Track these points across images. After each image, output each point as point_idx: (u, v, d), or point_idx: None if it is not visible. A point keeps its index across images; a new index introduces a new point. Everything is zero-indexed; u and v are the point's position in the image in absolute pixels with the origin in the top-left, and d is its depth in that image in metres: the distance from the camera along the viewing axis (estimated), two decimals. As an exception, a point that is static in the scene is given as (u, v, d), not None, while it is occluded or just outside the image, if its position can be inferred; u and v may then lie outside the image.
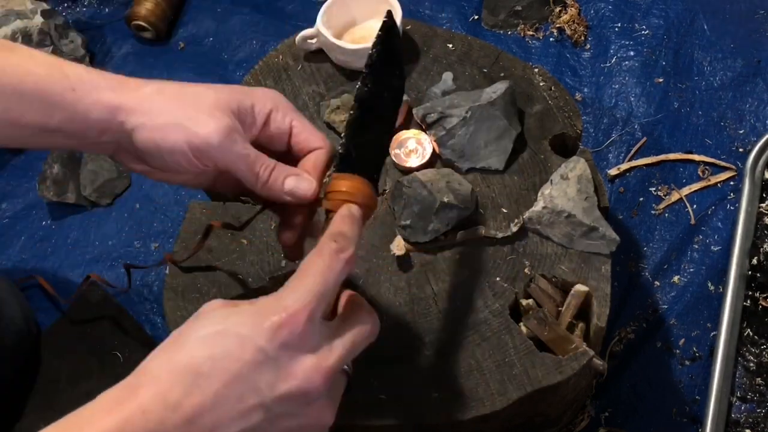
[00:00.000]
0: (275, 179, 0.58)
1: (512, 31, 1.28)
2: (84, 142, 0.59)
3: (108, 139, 0.58)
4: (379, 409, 0.72)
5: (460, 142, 0.81)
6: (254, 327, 0.45)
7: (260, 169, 0.58)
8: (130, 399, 0.43)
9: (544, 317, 0.73)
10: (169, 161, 0.57)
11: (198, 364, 0.44)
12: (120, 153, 0.60)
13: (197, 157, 0.56)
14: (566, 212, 0.75)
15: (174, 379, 0.44)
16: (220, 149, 0.56)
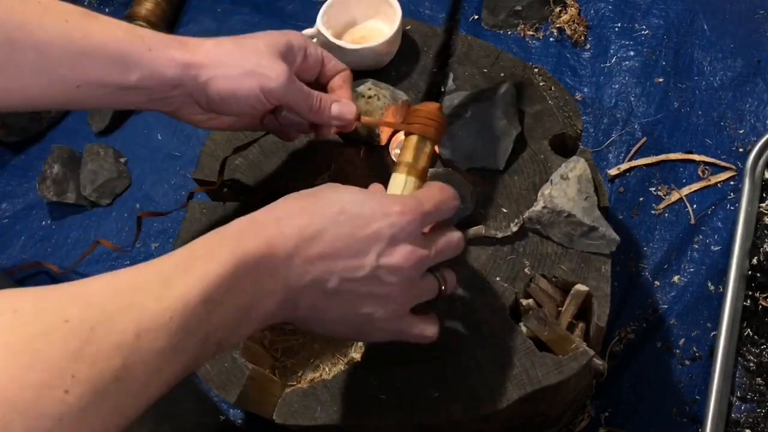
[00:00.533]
0: (324, 107, 0.71)
1: (512, 31, 1.28)
2: (154, 97, 0.66)
3: (178, 93, 0.66)
4: (379, 409, 0.73)
5: (460, 142, 0.81)
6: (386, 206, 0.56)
7: (313, 100, 0.70)
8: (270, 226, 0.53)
9: (544, 317, 0.73)
10: (242, 105, 0.67)
11: (334, 214, 0.54)
12: (183, 107, 0.69)
13: (267, 99, 0.67)
14: (566, 212, 0.75)
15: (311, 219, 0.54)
16: (285, 89, 0.67)
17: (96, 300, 0.43)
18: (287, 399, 0.74)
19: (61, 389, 0.39)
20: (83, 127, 1.35)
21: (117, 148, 1.31)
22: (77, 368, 0.40)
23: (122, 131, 1.34)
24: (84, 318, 0.41)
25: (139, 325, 0.43)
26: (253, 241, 0.51)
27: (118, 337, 0.42)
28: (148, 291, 0.45)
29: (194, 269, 0.48)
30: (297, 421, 0.73)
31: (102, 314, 0.42)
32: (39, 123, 1.34)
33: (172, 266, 0.48)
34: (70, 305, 0.42)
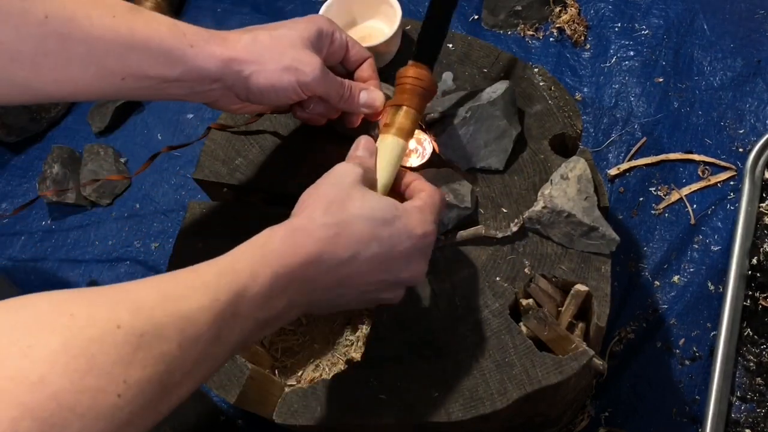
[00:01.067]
0: (353, 95, 0.75)
1: (512, 31, 1.28)
2: (194, 90, 0.69)
3: (218, 86, 0.69)
4: (379, 409, 0.73)
5: (460, 142, 0.81)
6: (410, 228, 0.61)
7: (344, 89, 0.74)
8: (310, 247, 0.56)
9: (544, 317, 0.73)
10: (281, 98, 0.71)
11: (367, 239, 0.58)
12: (222, 98, 0.72)
13: (304, 90, 0.70)
14: (566, 212, 0.75)
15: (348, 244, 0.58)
16: (319, 81, 0.70)
17: (145, 306, 0.46)
18: (287, 399, 0.74)
19: (114, 394, 0.41)
20: (83, 127, 1.36)
21: (117, 148, 1.31)
22: (128, 374, 0.42)
23: (122, 131, 1.34)
24: (135, 325, 0.44)
25: (182, 335, 0.46)
26: (292, 263, 0.55)
27: (164, 345, 0.45)
28: (192, 300, 0.48)
29: (234, 284, 0.51)
30: (297, 421, 0.73)
31: (150, 321, 0.45)
32: (39, 123, 1.35)
33: (214, 277, 0.51)
34: (122, 310, 0.44)
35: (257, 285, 0.53)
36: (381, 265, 0.60)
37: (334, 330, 0.84)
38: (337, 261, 0.57)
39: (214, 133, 0.89)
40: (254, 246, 0.56)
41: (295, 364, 0.82)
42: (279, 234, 0.56)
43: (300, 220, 0.58)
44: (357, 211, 0.59)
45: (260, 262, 0.54)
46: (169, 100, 0.71)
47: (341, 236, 0.57)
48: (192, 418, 0.92)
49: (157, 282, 0.49)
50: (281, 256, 0.55)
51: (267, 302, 0.54)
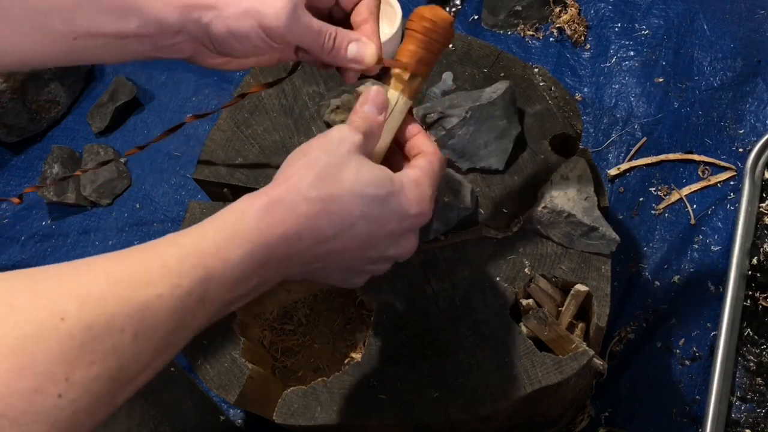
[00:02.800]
0: (339, 47, 0.62)
1: (512, 31, 1.28)
2: (158, 45, 0.62)
3: (183, 39, 0.61)
4: (379, 409, 0.73)
5: (460, 142, 0.81)
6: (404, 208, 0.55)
7: (324, 39, 0.61)
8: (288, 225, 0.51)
9: (544, 317, 0.73)
10: (246, 46, 0.61)
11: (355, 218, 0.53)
12: (197, 53, 0.64)
13: (270, 37, 0.60)
14: (566, 212, 0.75)
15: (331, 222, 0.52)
16: (288, 26, 0.59)
17: (95, 293, 0.41)
18: (287, 399, 0.74)
19: (54, 394, 0.38)
20: (83, 127, 1.36)
21: (117, 148, 1.31)
22: (72, 371, 0.39)
23: (122, 131, 1.34)
24: (81, 316, 0.40)
25: (138, 326, 0.42)
26: (267, 241, 0.49)
27: (116, 337, 0.41)
28: (149, 286, 0.44)
29: (200, 267, 0.46)
30: (297, 421, 0.73)
31: (100, 311, 0.41)
32: (39, 123, 1.35)
33: (176, 259, 0.46)
34: (68, 300, 0.40)
35: (227, 267, 0.47)
36: (367, 243, 0.55)
37: (334, 330, 0.84)
38: (319, 239, 0.52)
39: (214, 133, 0.89)
40: (224, 221, 0.50)
41: (295, 364, 0.82)
42: (254, 207, 0.50)
43: (281, 191, 0.51)
44: (348, 186, 0.52)
45: (231, 241, 0.48)
46: (136, 59, 0.64)
47: (326, 213, 0.51)
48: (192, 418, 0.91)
49: (111, 264, 0.44)
50: (255, 233, 0.49)
51: (237, 284, 0.48)
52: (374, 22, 0.64)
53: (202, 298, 0.46)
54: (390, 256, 0.57)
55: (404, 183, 0.56)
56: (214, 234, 0.49)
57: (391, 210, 0.54)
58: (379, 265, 0.58)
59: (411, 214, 0.56)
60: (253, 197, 0.51)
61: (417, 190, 0.56)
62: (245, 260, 0.48)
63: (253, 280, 0.50)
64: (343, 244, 0.53)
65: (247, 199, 0.51)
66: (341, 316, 0.85)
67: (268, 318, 0.84)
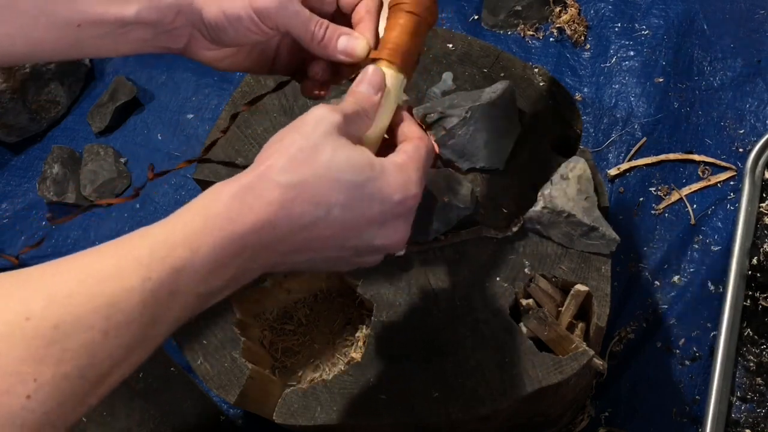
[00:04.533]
0: (329, 38, 0.61)
1: (512, 31, 1.28)
2: (160, 31, 0.62)
3: (181, 23, 0.62)
4: (379, 409, 0.73)
5: (460, 142, 0.81)
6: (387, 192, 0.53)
7: (315, 27, 0.61)
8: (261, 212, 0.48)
9: (544, 317, 0.73)
10: (238, 30, 0.60)
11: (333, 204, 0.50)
12: (192, 42, 0.64)
13: (261, 19, 0.60)
14: (566, 212, 0.75)
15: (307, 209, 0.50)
16: (279, 8, 0.59)
17: (61, 291, 0.40)
18: (287, 399, 0.74)
19: (22, 395, 0.37)
20: (83, 127, 1.35)
21: (117, 148, 1.31)
22: (40, 371, 0.38)
23: (122, 131, 1.34)
24: (47, 315, 0.39)
25: (107, 321, 0.41)
26: (239, 230, 0.47)
27: (85, 334, 0.40)
28: (118, 280, 0.43)
29: (170, 258, 0.45)
30: (297, 421, 0.73)
31: (67, 309, 0.40)
32: (39, 123, 1.35)
33: (146, 251, 0.45)
34: (33, 299, 0.40)
35: (198, 258, 0.46)
36: (347, 232, 0.52)
37: (334, 330, 0.84)
38: (294, 227, 0.50)
39: (214, 133, 0.89)
40: (195, 210, 0.48)
41: (295, 364, 0.82)
42: (225, 194, 0.48)
43: (252, 178, 0.49)
44: (322, 171, 0.50)
45: (201, 231, 0.46)
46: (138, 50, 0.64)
47: (300, 199, 0.49)
48: (192, 418, 0.92)
49: (79, 261, 0.43)
50: (226, 222, 0.47)
51: (210, 275, 0.47)
52: (371, 20, 0.64)
53: (173, 291, 0.45)
54: (378, 246, 0.55)
55: (386, 168, 0.53)
56: (184, 224, 0.47)
57: (371, 196, 0.52)
58: (366, 256, 0.56)
59: (394, 200, 0.53)
60: (224, 184, 0.49)
61: (400, 175, 0.54)
62: (216, 251, 0.47)
63: (228, 271, 0.48)
64: (320, 232, 0.51)
65: (218, 186, 0.49)
66: (341, 316, 0.85)
67: (268, 318, 0.84)
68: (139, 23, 0.61)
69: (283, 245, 0.50)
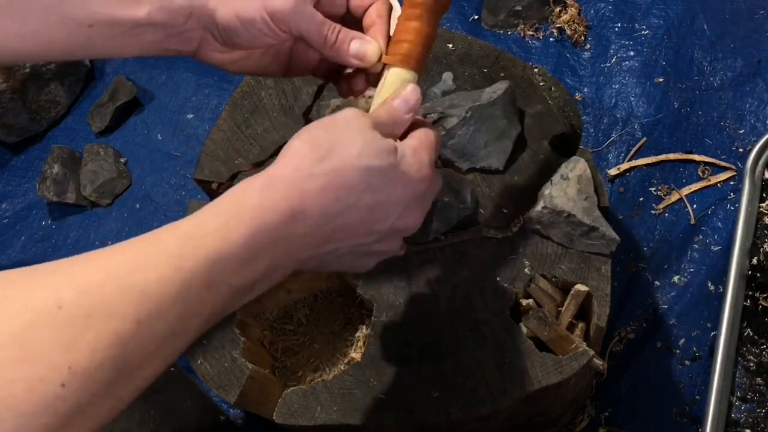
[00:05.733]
0: (341, 41, 0.62)
1: (512, 31, 1.28)
2: (172, 32, 0.62)
3: (193, 25, 0.61)
4: (379, 409, 0.73)
5: (460, 142, 0.81)
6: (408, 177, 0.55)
7: (328, 31, 0.62)
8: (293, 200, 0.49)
9: (544, 317, 0.73)
10: (251, 33, 0.61)
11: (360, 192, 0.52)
12: (204, 44, 0.63)
13: (275, 23, 0.60)
14: (566, 212, 0.75)
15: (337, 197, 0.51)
16: (293, 12, 0.60)
17: (93, 281, 0.40)
18: (287, 399, 0.74)
19: (56, 383, 0.37)
20: (83, 127, 1.35)
21: (117, 148, 1.31)
22: (74, 359, 0.38)
23: (122, 131, 1.34)
24: (80, 303, 0.39)
25: (140, 310, 0.41)
26: (272, 219, 0.48)
27: (118, 324, 0.40)
28: (150, 270, 0.43)
29: (203, 248, 0.45)
30: (297, 421, 0.73)
31: (99, 298, 0.40)
32: (39, 123, 1.35)
33: (177, 243, 0.45)
34: (65, 288, 0.39)
35: (231, 247, 0.46)
36: (374, 216, 0.54)
37: (334, 330, 0.84)
38: (326, 215, 0.50)
39: (214, 133, 0.89)
40: (226, 203, 0.49)
41: (295, 364, 0.82)
42: (256, 186, 0.49)
43: (282, 169, 0.50)
44: (352, 160, 0.51)
45: (234, 220, 0.47)
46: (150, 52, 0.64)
47: (331, 187, 0.50)
48: (192, 418, 0.92)
49: (110, 253, 0.43)
50: (259, 211, 0.48)
51: (244, 266, 0.47)
52: (383, 24, 0.64)
53: (206, 282, 0.45)
54: (397, 229, 0.56)
55: (405, 151, 0.55)
56: (215, 216, 0.47)
57: (396, 178, 0.54)
58: (387, 241, 0.57)
59: (414, 180, 0.55)
60: (254, 178, 0.50)
61: (416, 157, 0.56)
62: (249, 240, 0.47)
63: (262, 263, 0.48)
64: (350, 218, 0.52)
65: (247, 180, 0.50)
66: (341, 316, 0.85)
67: (268, 318, 0.84)
68: (150, 24, 0.61)
69: (314, 236, 0.51)
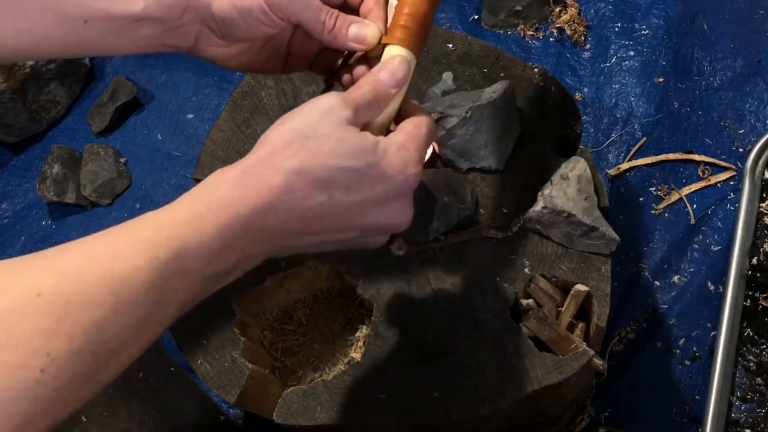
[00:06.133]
0: (340, 26, 0.61)
1: (512, 31, 1.28)
2: (168, 27, 0.61)
3: (189, 18, 0.61)
4: (379, 409, 0.73)
5: (460, 142, 0.81)
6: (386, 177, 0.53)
7: (326, 16, 0.61)
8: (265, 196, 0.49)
9: (544, 317, 0.73)
10: (249, 23, 0.60)
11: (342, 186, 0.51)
12: (201, 39, 0.63)
13: (273, 11, 0.60)
14: (566, 212, 0.75)
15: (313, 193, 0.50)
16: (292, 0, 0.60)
17: (72, 269, 0.42)
18: (287, 399, 0.74)
19: (36, 369, 0.38)
20: (83, 127, 1.36)
21: (117, 148, 1.31)
22: (53, 345, 0.39)
23: (122, 131, 1.34)
24: (58, 290, 0.40)
25: (117, 299, 0.42)
26: (242, 212, 0.48)
27: (96, 311, 0.41)
28: (127, 259, 0.44)
29: (176, 239, 0.46)
30: (297, 421, 0.73)
31: (77, 286, 0.41)
32: (39, 123, 1.35)
33: (152, 231, 0.46)
34: (44, 276, 0.41)
35: (203, 238, 0.47)
36: (351, 212, 0.53)
37: (334, 330, 0.84)
38: (297, 210, 0.50)
39: (214, 133, 0.89)
40: (199, 194, 0.49)
41: (295, 364, 0.82)
42: (228, 178, 0.50)
43: (254, 162, 0.50)
44: (324, 159, 0.50)
45: (205, 212, 0.48)
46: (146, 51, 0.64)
47: (302, 184, 0.50)
48: (192, 418, 0.92)
49: (87, 242, 0.45)
50: (230, 204, 0.48)
51: (216, 256, 0.48)
52: (380, 9, 0.64)
53: (180, 271, 0.46)
54: (383, 225, 0.55)
55: (387, 148, 0.54)
56: (189, 206, 0.48)
57: (372, 177, 0.52)
58: (372, 237, 0.57)
59: (396, 180, 0.53)
60: (228, 169, 0.50)
61: (401, 154, 0.54)
62: (221, 231, 0.48)
63: (235, 253, 0.49)
64: (323, 215, 0.52)
65: (221, 171, 0.51)
66: (341, 316, 0.85)
67: (268, 318, 0.84)
68: (146, 19, 0.60)
69: (285, 228, 0.51)
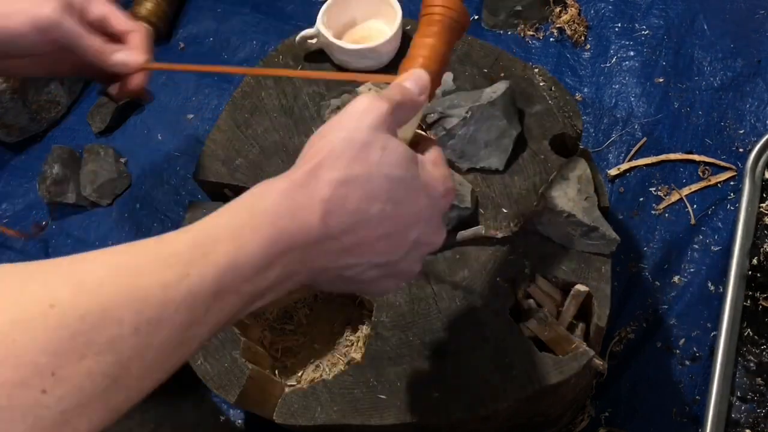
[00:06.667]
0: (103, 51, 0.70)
1: (512, 31, 1.28)
2: None
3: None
4: (379, 409, 0.73)
5: (460, 142, 0.81)
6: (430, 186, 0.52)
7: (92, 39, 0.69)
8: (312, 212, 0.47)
9: (544, 317, 0.73)
10: (22, 44, 0.66)
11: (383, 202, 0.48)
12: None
13: (43, 34, 0.66)
14: (566, 212, 0.75)
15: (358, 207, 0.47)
16: (59, 24, 0.66)
17: (90, 280, 0.37)
18: (287, 399, 0.74)
19: (37, 389, 0.34)
20: (83, 127, 1.35)
21: (117, 148, 1.31)
22: (60, 365, 0.35)
23: (122, 131, 1.34)
24: (74, 303, 0.36)
25: (138, 316, 0.38)
26: (290, 227, 0.45)
27: (113, 329, 0.37)
28: (153, 274, 0.40)
29: (213, 254, 0.42)
30: (297, 421, 0.73)
31: (95, 299, 0.37)
32: (39, 123, 1.34)
33: (186, 247, 0.42)
34: (60, 286, 0.36)
35: (243, 254, 0.43)
36: (397, 228, 0.50)
37: (334, 330, 0.84)
38: (346, 225, 0.47)
39: (214, 134, 0.89)
40: (240, 206, 0.46)
41: (295, 364, 0.82)
42: (274, 191, 0.46)
43: (302, 174, 0.47)
44: (373, 169, 0.48)
45: (249, 226, 0.44)
46: None
47: (352, 197, 0.47)
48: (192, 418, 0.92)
49: (110, 252, 0.40)
50: (275, 218, 0.45)
51: (256, 275, 0.44)
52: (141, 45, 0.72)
53: (215, 290, 0.42)
54: (422, 244, 0.53)
55: (424, 162, 0.53)
56: (229, 219, 0.45)
57: (417, 188, 0.51)
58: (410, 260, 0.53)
59: (438, 192, 0.52)
60: (273, 181, 0.47)
61: (439, 170, 0.53)
62: (263, 247, 0.44)
63: (275, 271, 0.45)
64: (371, 230, 0.48)
65: (266, 183, 0.47)
66: (341, 316, 0.85)
67: (268, 318, 0.84)
68: None
69: (333, 244, 0.48)
